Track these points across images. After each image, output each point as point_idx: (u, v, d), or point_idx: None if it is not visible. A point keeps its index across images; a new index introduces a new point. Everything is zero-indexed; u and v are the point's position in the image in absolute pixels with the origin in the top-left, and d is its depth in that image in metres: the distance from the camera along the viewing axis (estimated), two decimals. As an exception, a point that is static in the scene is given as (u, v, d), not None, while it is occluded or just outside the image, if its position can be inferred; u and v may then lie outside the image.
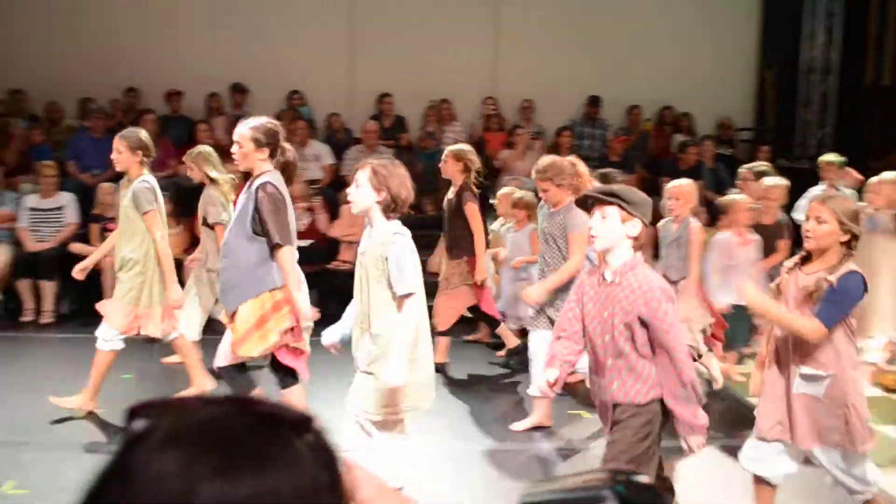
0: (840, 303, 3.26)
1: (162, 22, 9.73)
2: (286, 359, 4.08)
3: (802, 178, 7.33)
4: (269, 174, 4.02)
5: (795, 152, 10.49)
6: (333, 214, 8.09)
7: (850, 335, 3.35)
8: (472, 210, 5.85)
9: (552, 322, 4.43)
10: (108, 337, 4.81)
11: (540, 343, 4.57)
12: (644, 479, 0.90)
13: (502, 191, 6.85)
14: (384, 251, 3.38)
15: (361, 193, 3.45)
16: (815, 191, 6.93)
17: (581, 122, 10.25)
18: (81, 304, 6.46)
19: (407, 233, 3.46)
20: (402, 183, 3.43)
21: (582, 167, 4.91)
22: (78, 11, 9.66)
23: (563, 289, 4.43)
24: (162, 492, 0.65)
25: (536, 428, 4.91)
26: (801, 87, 10.81)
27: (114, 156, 4.91)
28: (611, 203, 3.02)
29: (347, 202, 8.30)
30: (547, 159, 4.87)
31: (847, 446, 3.32)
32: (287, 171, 4.13)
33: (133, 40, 9.62)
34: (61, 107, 9.44)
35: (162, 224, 4.89)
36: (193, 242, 7.36)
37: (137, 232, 4.81)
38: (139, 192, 4.79)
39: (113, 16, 9.70)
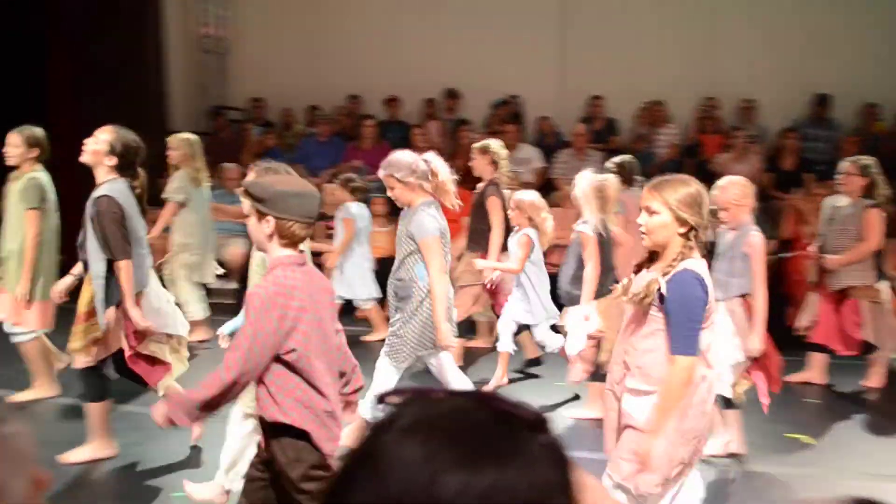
0: (678, 316, 2.72)
1: (382, 32, 10.23)
2: (136, 366, 4.14)
3: None
4: (108, 185, 4.14)
5: None
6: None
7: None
8: (492, 204, 5.74)
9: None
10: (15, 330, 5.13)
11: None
12: None
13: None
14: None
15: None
16: None
17: (808, 123, 9.54)
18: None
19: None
20: None
21: (441, 167, 4.35)
22: (309, 25, 10.39)
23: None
24: (408, 478, 0.68)
25: None
26: None
27: (7, 150, 5.05)
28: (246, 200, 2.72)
29: (556, 205, 8.28)
30: (395, 154, 4.37)
31: (634, 484, 2.73)
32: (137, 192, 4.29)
33: (357, 51, 10.19)
34: (294, 113, 10.22)
35: (38, 224, 4.97)
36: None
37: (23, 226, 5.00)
38: (28, 188, 4.97)
39: (339, 28, 10.34)
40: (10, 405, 4.90)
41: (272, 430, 2.71)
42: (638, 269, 2.99)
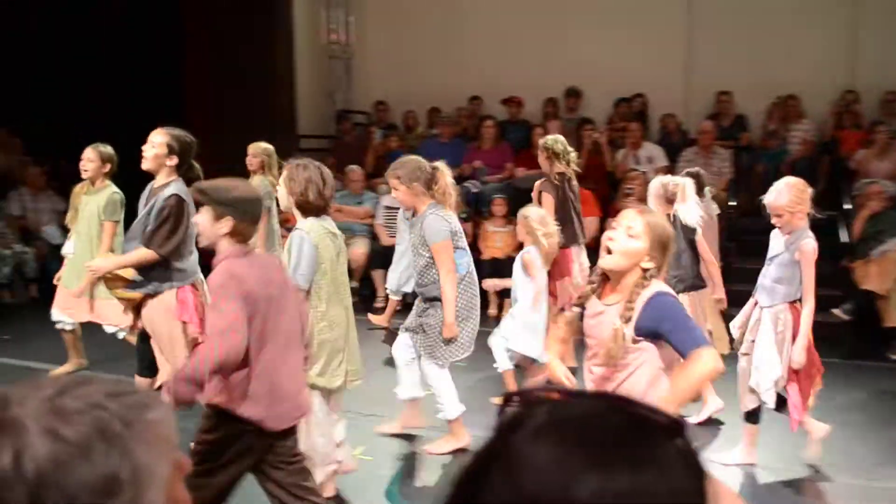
0: (671, 326, 2.60)
1: (504, 33, 10.24)
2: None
3: None
4: (174, 185, 4.27)
5: None
6: (665, 217, 7.91)
7: (660, 371, 2.68)
8: (544, 200, 5.69)
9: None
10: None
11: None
12: None
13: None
14: (289, 244, 3.61)
15: (281, 193, 3.72)
16: None
17: (960, 116, 8.88)
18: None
19: (315, 230, 3.56)
20: (309, 186, 3.56)
21: (447, 176, 4.33)
22: (431, 29, 10.54)
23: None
24: (542, 479, 0.68)
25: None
26: None
27: (84, 164, 5.33)
28: (202, 201, 2.98)
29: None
30: (404, 157, 4.50)
31: None
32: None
33: (478, 53, 10.25)
34: (416, 115, 10.39)
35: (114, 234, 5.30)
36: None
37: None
38: (112, 202, 5.29)
39: (461, 31, 10.43)
40: (153, 392, 5.20)
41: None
42: (580, 299, 2.88)
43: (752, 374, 4.18)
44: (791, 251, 4.09)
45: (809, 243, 4.05)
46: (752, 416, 4.27)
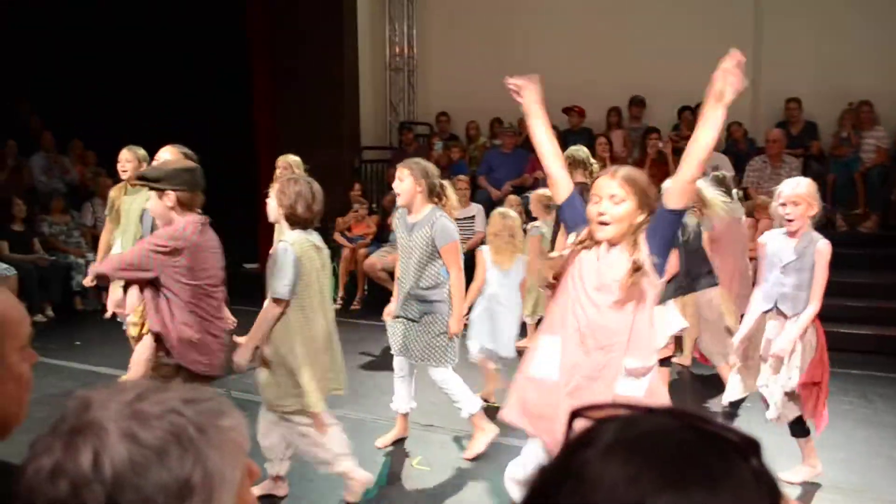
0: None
1: (566, 42, 10.19)
2: None
3: None
4: None
5: None
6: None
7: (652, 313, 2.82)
8: None
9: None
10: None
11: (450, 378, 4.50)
12: None
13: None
14: (273, 255, 3.72)
15: (271, 205, 3.85)
16: None
17: None
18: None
19: (300, 243, 3.65)
20: (298, 200, 3.66)
21: (450, 191, 4.45)
22: (493, 39, 10.55)
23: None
24: (614, 498, 0.67)
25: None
26: None
27: (122, 165, 5.42)
28: (146, 187, 3.36)
29: (749, 215, 7.95)
30: (419, 158, 4.72)
31: None
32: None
33: (540, 62, 10.18)
34: (478, 126, 10.41)
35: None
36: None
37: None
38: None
39: (522, 40, 10.41)
40: (227, 400, 5.31)
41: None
42: (575, 252, 2.88)
43: (769, 383, 4.08)
44: (808, 255, 3.98)
45: (826, 244, 3.98)
46: (798, 429, 4.13)
